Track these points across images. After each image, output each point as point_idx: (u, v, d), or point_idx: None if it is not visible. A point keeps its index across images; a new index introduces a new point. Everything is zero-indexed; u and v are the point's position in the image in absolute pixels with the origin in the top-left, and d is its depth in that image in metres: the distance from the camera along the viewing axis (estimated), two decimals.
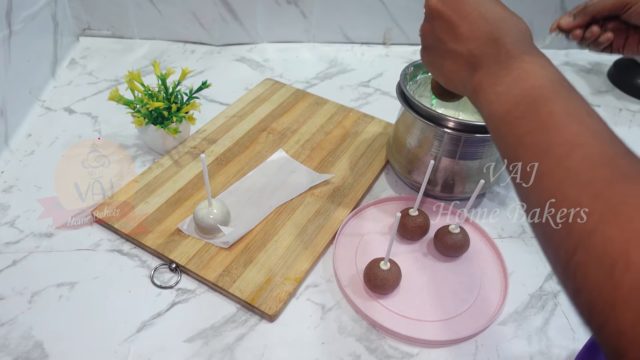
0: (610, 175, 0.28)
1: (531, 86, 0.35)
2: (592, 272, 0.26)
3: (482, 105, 0.39)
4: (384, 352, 0.53)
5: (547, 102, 0.34)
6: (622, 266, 0.25)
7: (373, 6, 1.03)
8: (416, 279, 0.60)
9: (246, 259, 0.60)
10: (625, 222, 0.26)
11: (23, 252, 0.61)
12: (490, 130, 0.39)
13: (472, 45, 0.41)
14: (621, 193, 0.27)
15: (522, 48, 0.38)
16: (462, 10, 0.42)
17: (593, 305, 0.26)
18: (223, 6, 1.00)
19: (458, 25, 0.42)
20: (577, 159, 0.30)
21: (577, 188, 0.29)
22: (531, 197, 0.32)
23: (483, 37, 0.40)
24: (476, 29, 0.41)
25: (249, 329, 0.54)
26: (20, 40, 0.79)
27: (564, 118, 0.32)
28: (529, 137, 0.33)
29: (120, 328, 0.54)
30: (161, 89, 0.72)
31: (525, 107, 0.35)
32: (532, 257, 0.65)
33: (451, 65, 0.43)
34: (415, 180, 0.69)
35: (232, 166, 0.73)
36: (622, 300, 0.24)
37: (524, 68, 0.37)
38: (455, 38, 0.42)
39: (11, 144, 0.76)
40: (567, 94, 0.34)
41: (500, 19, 0.41)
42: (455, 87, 0.45)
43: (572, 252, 0.28)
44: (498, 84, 0.38)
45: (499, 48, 0.39)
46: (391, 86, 0.96)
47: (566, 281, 0.29)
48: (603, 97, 0.99)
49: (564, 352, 0.54)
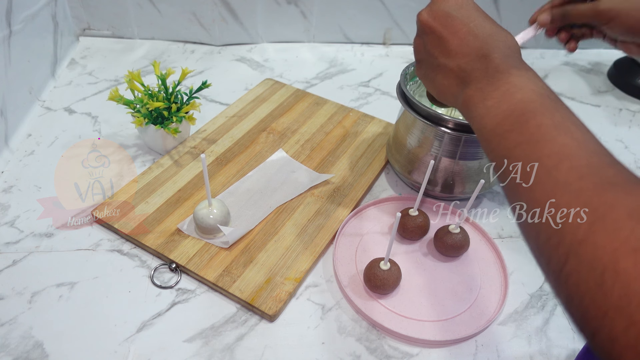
0: (598, 185, 0.29)
1: (519, 100, 0.36)
2: (583, 281, 0.27)
3: (473, 119, 0.40)
4: (384, 352, 0.53)
5: (535, 115, 0.35)
6: (612, 274, 0.25)
7: (373, 6, 1.03)
8: (416, 279, 0.60)
9: (246, 259, 0.60)
10: (613, 231, 0.26)
11: (23, 252, 0.61)
12: (481, 142, 0.39)
13: (461, 61, 0.42)
14: (609, 202, 0.27)
15: (511, 62, 0.40)
16: (452, 26, 0.43)
17: (585, 312, 0.26)
18: (223, 6, 1.00)
19: (448, 40, 0.43)
20: (565, 169, 0.31)
21: (567, 197, 0.29)
22: (526, 202, 0.33)
23: (473, 53, 0.41)
24: (465, 44, 0.42)
25: (249, 329, 0.54)
26: (20, 40, 0.79)
27: (552, 130, 0.33)
28: (518, 150, 0.34)
29: (120, 328, 0.54)
30: (161, 89, 0.72)
31: (514, 120, 0.36)
32: (532, 257, 0.64)
33: (442, 79, 0.45)
34: (415, 180, 0.69)
35: (232, 166, 0.73)
36: (613, 307, 0.25)
37: (512, 82, 0.38)
38: (445, 53, 0.43)
39: (11, 144, 0.76)
40: (554, 106, 0.35)
41: (489, 35, 0.42)
42: (447, 100, 0.46)
43: (563, 261, 0.28)
44: (488, 98, 0.39)
45: (488, 63, 0.40)
46: (391, 86, 0.97)
47: (559, 289, 0.29)
48: (603, 97, 0.99)
49: (564, 352, 0.54)
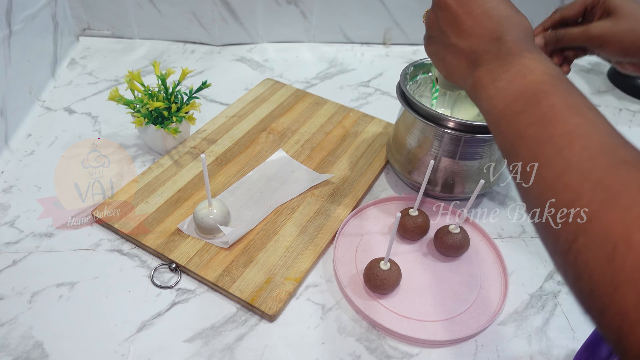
0: (610, 164, 0.29)
1: (531, 81, 0.36)
2: (592, 257, 0.26)
3: (482, 100, 0.40)
4: (384, 352, 0.53)
5: (548, 95, 0.34)
6: (624, 249, 0.25)
7: (373, 6, 1.03)
8: (416, 279, 0.60)
9: (246, 259, 0.60)
10: (627, 208, 0.26)
11: (23, 252, 0.61)
12: (489, 124, 0.39)
13: (473, 42, 0.42)
14: (621, 180, 0.27)
15: (523, 45, 0.39)
16: (468, 5, 0.42)
17: (594, 289, 0.26)
18: (223, 6, 1.00)
19: (462, 20, 0.42)
20: (578, 149, 0.30)
21: (578, 177, 0.29)
22: (534, 189, 0.33)
23: (486, 35, 0.41)
24: (479, 26, 0.41)
25: (249, 329, 0.54)
26: (20, 40, 0.79)
27: (564, 110, 0.33)
28: (529, 130, 0.34)
29: (120, 328, 0.54)
30: (161, 89, 0.72)
31: (526, 100, 0.35)
32: (532, 257, 0.65)
33: (452, 59, 0.44)
34: (415, 180, 0.69)
35: (232, 166, 0.73)
36: (624, 281, 0.24)
37: (524, 64, 0.37)
38: (458, 33, 0.43)
39: (11, 144, 0.76)
40: (566, 88, 0.35)
41: (505, 18, 0.41)
42: (455, 81, 0.45)
43: (572, 239, 0.28)
44: (498, 79, 0.38)
45: (501, 46, 0.40)
46: (391, 86, 0.97)
47: (566, 269, 0.29)
48: (603, 97, 0.99)
49: (564, 352, 0.54)
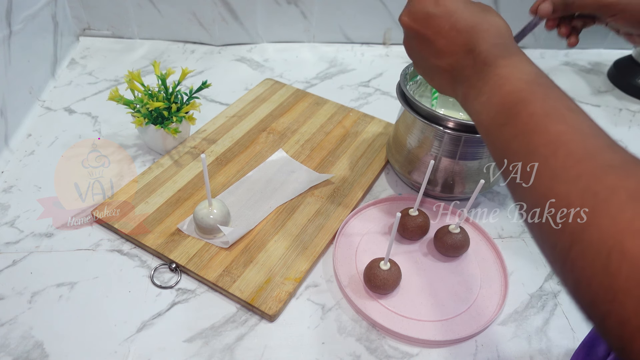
0: (597, 169, 0.29)
1: (508, 92, 0.36)
2: (589, 266, 0.26)
3: (472, 115, 0.40)
4: (384, 352, 0.53)
5: (526, 105, 0.34)
6: (618, 256, 0.25)
7: (373, 6, 1.03)
8: (416, 279, 0.60)
9: (246, 259, 0.60)
10: (617, 213, 0.26)
11: (23, 252, 0.61)
12: (481, 137, 0.40)
13: (451, 60, 0.42)
14: (609, 185, 0.27)
15: (497, 52, 0.39)
16: (434, 25, 0.42)
17: (594, 298, 0.26)
18: (223, 6, 1.00)
19: (434, 41, 0.42)
20: (562, 156, 0.30)
21: (565, 185, 0.29)
22: (527, 199, 0.33)
23: (459, 50, 0.41)
24: (451, 42, 0.41)
25: (249, 329, 0.54)
26: (20, 40, 0.79)
27: (544, 118, 0.33)
28: (514, 143, 0.34)
29: (120, 328, 0.54)
30: (161, 89, 0.72)
31: (507, 113, 0.35)
32: (532, 257, 0.65)
33: (439, 78, 0.45)
34: (415, 180, 0.69)
35: (232, 166, 0.73)
36: (622, 289, 0.24)
37: (499, 74, 0.37)
38: (434, 54, 0.43)
39: (11, 144, 0.76)
40: (544, 92, 0.35)
41: (472, 27, 0.41)
42: (449, 95, 0.46)
43: (568, 248, 0.28)
44: (480, 94, 0.38)
45: (475, 57, 0.40)
46: (391, 86, 0.97)
47: (565, 277, 0.29)
48: (603, 97, 0.99)
49: (564, 352, 0.54)
